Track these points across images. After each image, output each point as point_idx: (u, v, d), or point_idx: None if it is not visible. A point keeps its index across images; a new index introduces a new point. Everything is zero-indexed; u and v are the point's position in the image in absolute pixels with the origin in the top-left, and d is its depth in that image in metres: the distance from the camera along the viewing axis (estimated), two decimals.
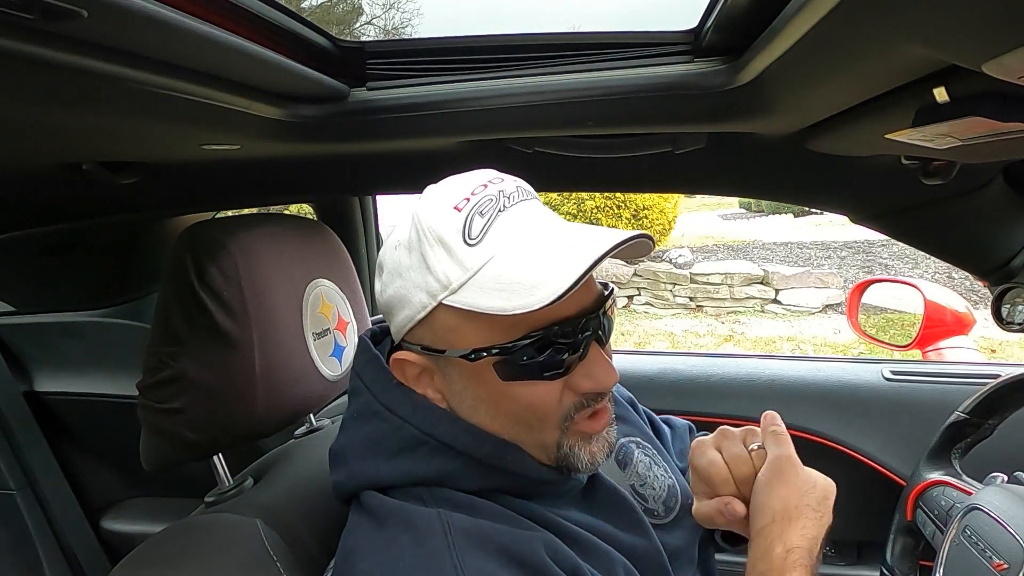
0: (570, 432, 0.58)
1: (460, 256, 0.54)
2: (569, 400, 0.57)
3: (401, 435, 0.59)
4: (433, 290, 0.55)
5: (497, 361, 0.55)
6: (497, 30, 0.74)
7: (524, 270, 0.52)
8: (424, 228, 0.56)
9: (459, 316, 0.55)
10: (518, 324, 0.53)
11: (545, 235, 0.56)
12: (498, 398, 0.57)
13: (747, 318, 5.87)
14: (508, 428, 0.58)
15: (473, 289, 0.53)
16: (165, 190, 1.09)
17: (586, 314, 0.56)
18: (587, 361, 0.57)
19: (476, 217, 0.55)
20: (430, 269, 0.55)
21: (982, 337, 4.31)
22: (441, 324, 0.57)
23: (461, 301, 0.54)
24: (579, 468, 0.59)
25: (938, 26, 0.40)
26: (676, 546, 0.70)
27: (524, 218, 0.57)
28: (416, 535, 0.53)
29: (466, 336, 0.56)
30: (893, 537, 0.93)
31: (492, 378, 0.56)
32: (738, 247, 8.31)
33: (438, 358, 0.58)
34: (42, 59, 0.41)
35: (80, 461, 1.63)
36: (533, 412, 0.57)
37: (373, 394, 0.62)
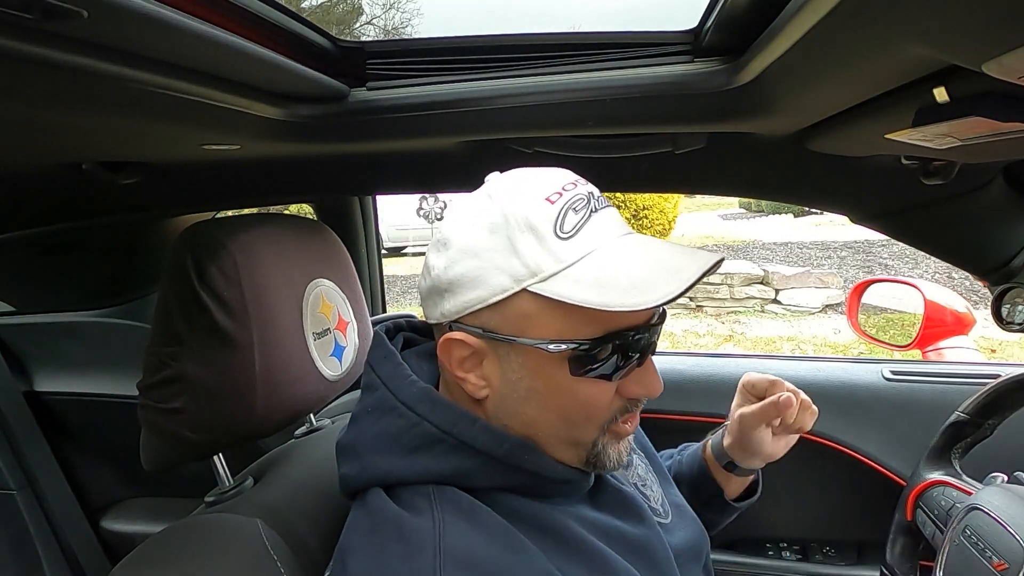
0: (608, 432, 0.60)
1: (552, 246, 0.55)
2: (617, 404, 0.60)
3: (417, 431, 0.59)
4: (519, 275, 0.55)
5: (571, 355, 0.56)
6: (497, 30, 0.74)
7: (626, 271, 0.54)
8: (512, 213, 0.56)
9: (540, 305, 0.55)
10: (595, 322, 0.55)
11: (641, 244, 0.58)
12: (556, 392, 0.57)
13: (747, 318, 5.87)
14: (552, 422, 0.59)
15: (566, 281, 0.54)
16: (165, 190, 1.09)
17: (655, 324, 0.60)
18: (643, 370, 0.60)
19: (570, 212, 0.56)
20: (517, 253, 0.55)
21: (982, 337, 4.31)
22: (517, 310, 0.56)
23: (550, 290, 0.54)
24: (607, 466, 0.61)
25: (938, 26, 0.40)
26: (678, 545, 0.70)
27: (614, 223, 0.59)
28: (407, 548, 0.52)
29: (542, 326, 0.56)
30: (893, 537, 0.93)
31: (558, 371, 0.56)
32: (738, 247, 8.31)
33: (499, 344, 0.57)
34: (42, 59, 0.41)
35: (80, 461, 1.63)
36: (585, 410, 0.58)
37: (391, 390, 0.61)
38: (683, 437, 1.30)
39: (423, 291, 0.63)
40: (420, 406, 0.59)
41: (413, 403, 0.60)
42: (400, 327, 0.71)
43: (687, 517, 0.77)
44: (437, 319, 0.61)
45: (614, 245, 0.57)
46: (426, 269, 0.61)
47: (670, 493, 0.79)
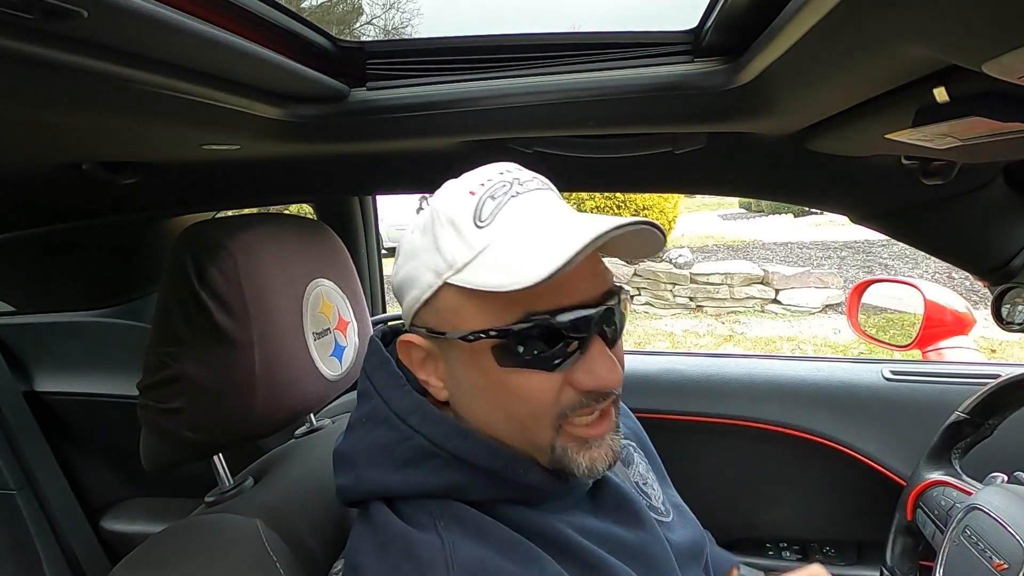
0: (563, 434, 0.56)
1: (469, 237, 0.55)
2: (568, 398, 0.55)
3: (410, 445, 0.58)
4: (440, 269, 0.55)
5: (495, 345, 0.54)
6: (497, 30, 0.74)
7: (523, 250, 0.52)
8: (438, 210, 0.57)
9: (462, 296, 0.55)
10: (516, 307, 0.53)
11: (550, 220, 0.55)
12: (495, 388, 0.56)
13: (747, 318, 5.87)
14: (501, 422, 0.57)
15: (476, 268, 0.53)
16: (165, 190, 1.09)
17: (589, 305, 0.55)
18: (589, 356, 0.55)
19: (488, 200, 0.56)
20: (439, 249, 0.56)
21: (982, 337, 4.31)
22: (445, 305, 0.57)
23: (464, 280, 0.54)
24: (576, 473, 0.57)
25: (938, 26, 0.40)
26: (679, 544, 0.70)
27: (535, 204, 0.57)
28: (419, 564, 0.52)
29: (468, 318, 0.55)
30: (893, 537, 0.93)
31: (491, 365, 0.55)
32: (738, 247, 8.31)
33: (441, 342, 0.58)
34: (42, 59, 0.41)
35: (80, 461, 1.63)
36: (528, 406, 0.55)
37: (384, 400, 0.61)
38: (683, 437, 1.31)
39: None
40: (412, 418, 0.59)
41: (406, 415, 0.59)
42: (397, 331, 0.70)
43: (687, 517, 0.77)
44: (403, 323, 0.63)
45: (522, 226, 0.55)
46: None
47: (669, 494, 0.79)
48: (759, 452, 1.29)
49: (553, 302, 0.53)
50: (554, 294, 0.52)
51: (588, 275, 0.55)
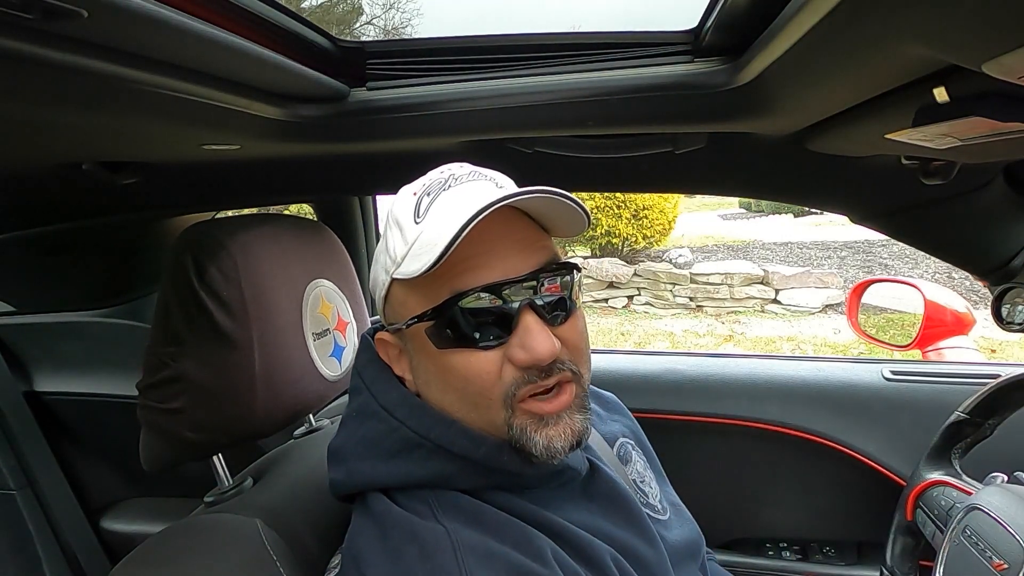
0: (517, 412, 0.56)
1: (407, 233, 0.58)
2: (510, 375, 0.55)
3: (397, 436, 0.59)
4: (388, 267, 0.59)
5: (428, 327, 0.57)
6: (497, 30, 0.74)
7: (437, 234, 0.53)
8: (390, 214, 0.61)
9: (404, 289, 0.59)
10: (444, 289, 0.55)
11: (466, 203, 0.55)
12: (441, 370, 0.58)
13: (747, 318, 5.87)
14: (456, 405, 0.58)
15: (409, 259, 0.56)
16: (165, 190, 1.09)
17: (514, 281, 0.55)
18: (520, 330, 0.55)
19: (424, 197, 0.59)
20: (387, 249, 0.60)
21: (982, 337, 4.31)
22: (395, 299, 0.61)
23: (400, 272, 0.57)
24: (534, 453, 0.56)
25: (938, 26, 0.40)
26: (675, 542, 0.70)
27: (464, 193, 0.59)
28: (423, 548, 0.52)
29: (411, 307, 0.58)
30: (893, 537, 0.93)
31: (430, 349, 0.57)
32: (738, 247, 8.31)
33: (402, 335, 0.61)
34: (42, 59, 0.41)
35: (80, 461, 1.63)
36: (472, 385, 0.56)
37: (372, 394, 0.62)
38: (683, 437, 1.31)
39: None
40: (399, 410, 0.60)
41: (393, 408, 0.61)
42: None
43: (684, 516, 0.77)
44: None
45: (444, 213, 0.56)
46: None
47: (667, 492, 0.79)
48: (759, 452, 1.29)
49: (476, 279, 0.54)
50: (477, 271, 0.54)
51: (515, 251, 0.56)
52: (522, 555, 0.53)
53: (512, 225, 0.58)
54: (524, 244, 0.58)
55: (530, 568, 0.52)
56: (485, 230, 0.52)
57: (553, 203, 0.55)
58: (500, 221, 0.55)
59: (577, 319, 0.60)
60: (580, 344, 0.59)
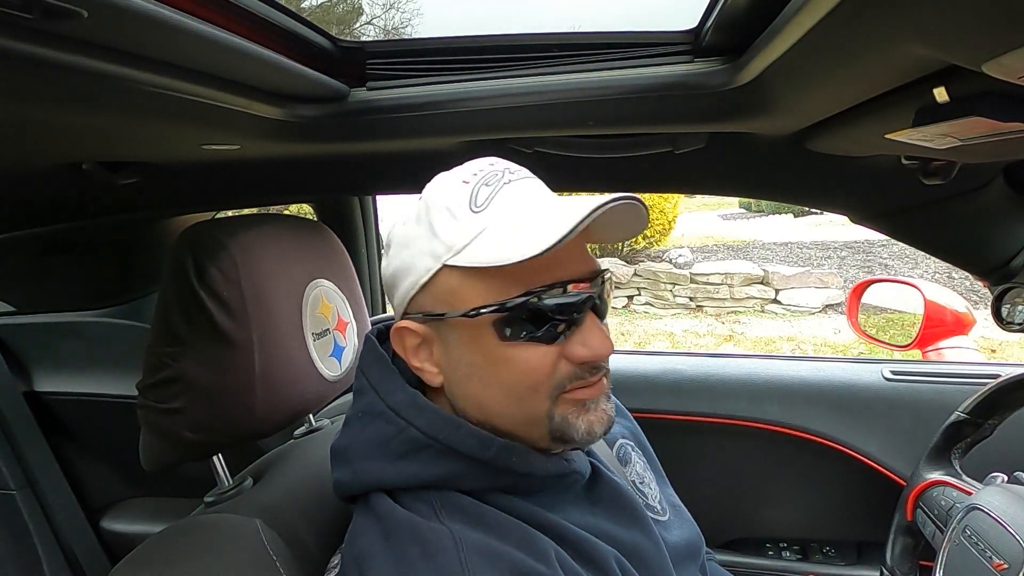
0: (560, 402, 0.58)
1: (465, 221, 0.57)
2: (564, 370, 0.58)
3: (405, 437, 0.59)
4: (438, 253, 0.58)
5: (496, 319, 0.56)
6: (497, 30, 0.74)
7: (521, 228, 0.55)
8: (432, 200, 0.60)
9: (460, 276, 0.57)
10: (514, 284, 0.56)
11: (544, 202, 0.59)
12: (493, 363, 0.58)
13: (747, 318, 5.87)
14: (498, 399, 0.58)
15: (476, 248, 0.56)
16: (165, 190, 1.09)
17: (580, 280, 0.58)
18: (582, 329, 0.58)
19: (482, 187, 0.59)
20: (436, 235, 0.58)
21: (982, 337, 4.31)
22: (443, 287, 0.59)
23: (465, 259, 0.56)
24: (575, 439, 0.58)
25: (938, 26, 0.40)
26: (676, 543, 0.70)
27: (527, 190, 0.60)
28: (426, 548, 0.52)
29: (466, 297, 0.57)
30: (893, 537, 0.93)
31: (489, 340, 0.57)
32: (738, 247, 8.31)
33: (439, 325, 0.60)
34: (42, 59, 0.41)
35: (80, 461, 1.63)
36: (526, 378, 0.57)
37: (379, 395, 0.62)
38: (683, 437, 1.31)
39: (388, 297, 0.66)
40: (406, 411, 0.60)
41: (400, 408, 0.60)
42: None
43: (684, 517, 0.77)
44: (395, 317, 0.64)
45: (517, 208, 0.58)
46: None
47: (667, 493, 0.79)
48: (759, 452, 1.29)
49: (549, 278, 0.56)
50: (550, 270, 0.56)
51: (578, 255, 0.59)
52: (526, 555, 0.53)
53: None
54: (583, 247, 0.61)
55: (533, 568, 0.52)
56: None
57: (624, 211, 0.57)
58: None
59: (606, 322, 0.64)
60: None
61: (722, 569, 0.85)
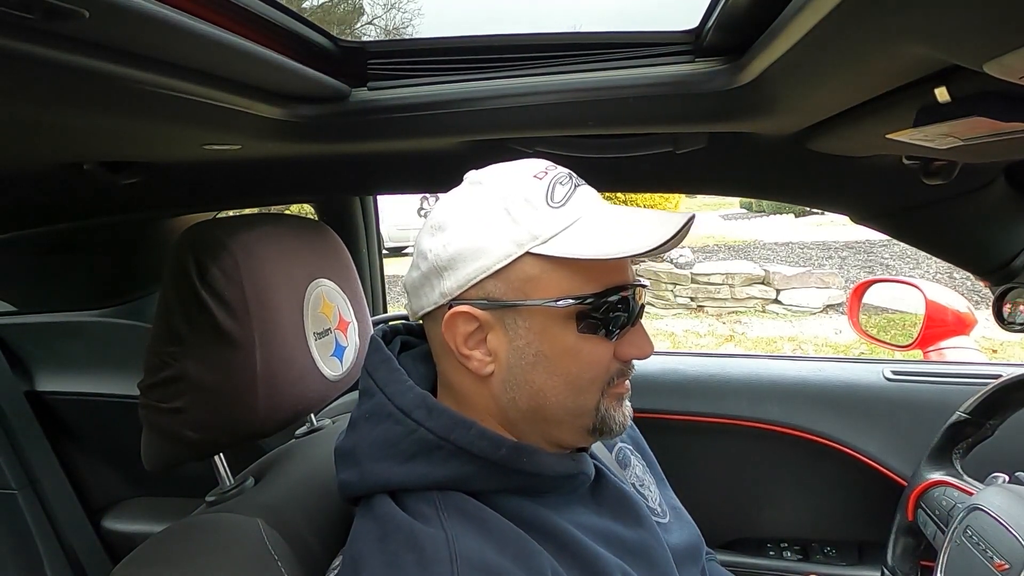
0: (607, 395, 0.62)
1: (546, 214, 0.58)
2: (615, 367, 0.61)
3: (415, 438, 0.59)
4: (521, 240, 0.57)
5: (578, 311, 0.58)
6: (497, 30, 0.74)
7: (611, 228, 0.58)
8: (505, 188, 0.60)
9: (543, 266, 0.58)
10: (594, 280, 0.58)
11: (621, 208, 0.62)
12: (562, 353, 0.59)
13: (748, 318, 5.86)
14: (558, 388, 0.60)
15: (565, 241, 0.57)
16: (166, 190, 1.09)
17: (641, 285, 0.62)
18: (637, 330, 0.62)
19: (557, 186, 0.61)
20: (516, 222, 0.58)
21: (983, 337, 4.31)
22: (520, 274, 0.58)
23: (551, 248, 0.57)
24: (613, 429, 0.63)
25: (939, 26, 0.40)
26: (676, 545, 0.70)
27: (596, 195, 0.64)
28: (421, 556, 0.52)
29: (547, 286, 0.58)
30: (894, 537, 0.93)
31: (564, 331, 0.59)
32: (739, 247, 8.30)
33: (505, 311, 0.59)
34: (43, 59, 0.41)
35: (81, 461, 1.63)
36: (589, 370, 0.60)
37: (387, 396, 0.61)
38: (684, 437, 1.30)
39: (414, 281, 0.63)
40: (417, 412, 0.59)
41: (410, 409, 0.60)
42: (397, 330, 0.71)
43: (684, 519, 0.77)
44: (435, 302, 0.61)
45: (601, 210, 0.61)
46: (420, 256, 0.62)
47: (667, 496, 0.79)
48: (760, 452, 1.29)
49: (620, 279, 0.60)
50: (619, 272, 0.60)
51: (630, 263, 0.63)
52: (519, 570, 0.53)
53: None
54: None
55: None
56: None
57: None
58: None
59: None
60: None
61: (723, 569, 0.85)
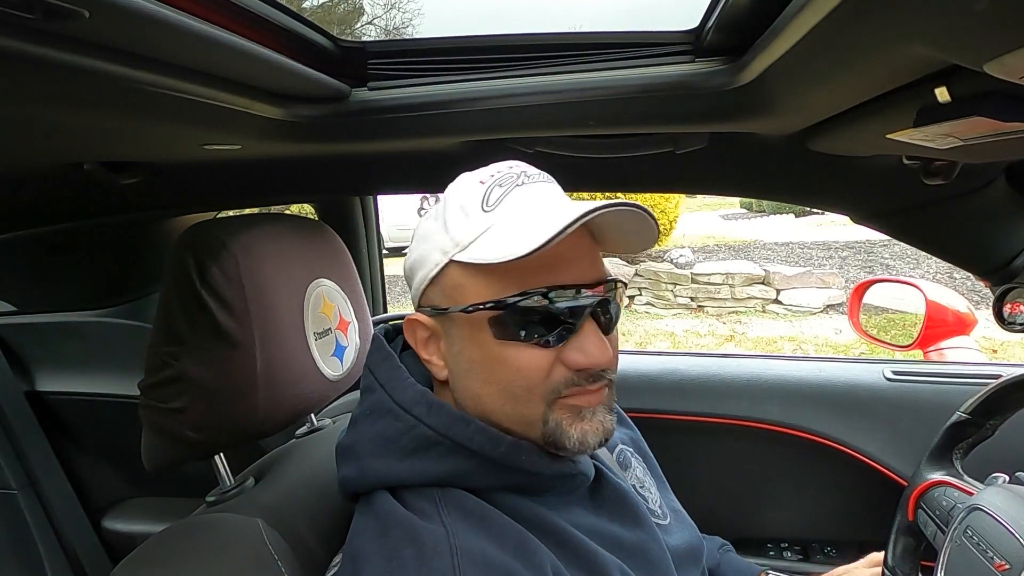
0: (556, 407, 0.58)
1: (475, 219, 0.59)
2: (560, 375, 0.57)
3: (415, 434, 0.59)
4: (447, 248, 0.59)
5: (492, 316, 0.57)
6: (497, 30, 0.74)
7: (520, 228, 0.56)
8: (450, 197, 0.62)
9: (465, 273, 0.58)
10: (514, 282, 0.56)
11: (549, 204, 0.59)
12: (490, 360, 0.58)
13: (748, 318, 5.86)
14: (494, 396, 0.59)
15: (479, 245, 0.57)
16: (166, 190, 1.09)
17: (584, 286, 0.57)
18: (581, 335, 0.57)
19: (496, 188, 0.60)
20: (448, 230, 0.60)
21: (984, 337, 4.31)
22: (449, 281, 0.60)
23: (467, 256, 0.57)
24: (567, 446, 0.57)
25: (939, 26, 0.40)
26: (677, 547, 0.70)
27: (538, 193, 0.61)
28: (421, 551, 0.52)
29: (468, 293, 0.58)
30: (894, 537, 0.92)
31: (486, 338, 0.58)
32: (739, 247, 8.30)
33: (443, 319, 0.61)
34: (43, 59, 0.41)
35: (81, 461, 1.63)
36: (520, 379, 0.57)
37: (387, 392, 0.62)
38: (684, 437, 1.30)
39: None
40: (417, 408, 0.60)
41: (410, 406, 0.60)
42: (399, 329, 0.71)
43: (684, 521, 0.77)
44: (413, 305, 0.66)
45: (524, 209, 0.58)
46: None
47: (667, 498, 0.79)
48: (760, 452, 1.29)
49: (550, 279, 0.56)
50: (551, 272, 0.56)
51: (585, 261, 0.59)
52: (521, 565, 0.53)
53: (582, 236, 0.59)
54: (591, 254, 0.60)
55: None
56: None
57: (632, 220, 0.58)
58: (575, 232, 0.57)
59: (616, 330, 0.63)
60: (616, 353, 0.62)
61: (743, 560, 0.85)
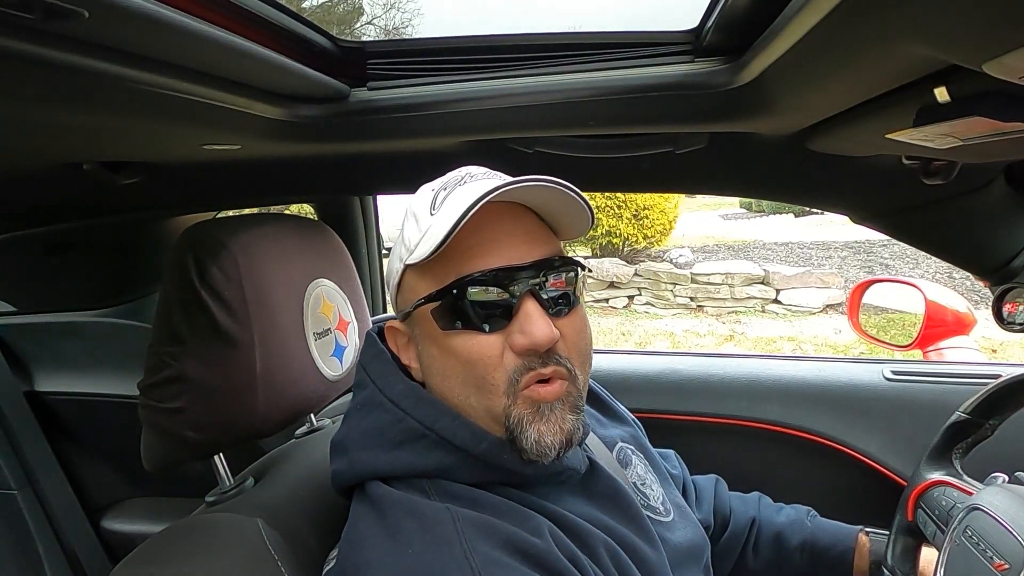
0: (518, 400, 0.57)
1: (423, 224, 0.61)
2: (512, 361, 0.57)
3: (402, 427, 0.60)
4: (402, 255, 0.62)
5: (434, 308, 0.59)
6: (497, 30, 0.74)
7: (446, 222, 0.56)
8: (408, 208, 0.64)
9: (414, 275, 0.62)
10: (450, 273, 0.58)
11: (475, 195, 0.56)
12: (444, 353, 0.60)
13: (748, 318, 5.86)
14: (458, 390, 0.59)
15: (421, 246, 0.59)
16: (166, 190, 1.09)
17: (518, 268, 0.57)
18: (521, 317, 0.57)
19: (441, 192, 0.62)
20: (404, 239, 0.63)
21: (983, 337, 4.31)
22: (406, 287, 0.63)
23: (412, 258, 0.59)
24: (525, 448, 0.56)
25: (939, 26, 0.40)
26: (679, 544, 0.70)
27: (476, 188, 0.59)
28: (423, 522, 0.54)
29: (419, 292, 0.61)
30: (894, 537, 0.92)
31: (435, 332, 0.59)
32: (739, 247, 8.30)
33: (410, 322, 0.64)
34: (43, 59, 0.41)
35: (81, 461, 1.63)
36: (474, 367, 0.57)
37: (378, 387, 0.63)
38: (684, 437, 1.30)
39: None
40: (405, 402, 0.61)
41: (399, 399, 0.61)
42: None
43: (688, 518, 0.77)
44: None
45: (457, 205, 0.57)
46: None
47: (671, 495, 0.79)
48: (760, 452, 1.29)
49: (483, 264, 0.57)
50: (485, 256, 0.57)
51: (521, 242, 0.59)
52: (521, 529, 0.54)
53: (520, 219, 0.61)
54: (530, 237, 0.61)
55: (527, 539, 0.53)
56: (495, 222, 0.58)
57: (557, 198, 0.58)
58: (510, 216, 0.59)
59: (578, 316, 0.62)
60: (579, 342, 0.61)
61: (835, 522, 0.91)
